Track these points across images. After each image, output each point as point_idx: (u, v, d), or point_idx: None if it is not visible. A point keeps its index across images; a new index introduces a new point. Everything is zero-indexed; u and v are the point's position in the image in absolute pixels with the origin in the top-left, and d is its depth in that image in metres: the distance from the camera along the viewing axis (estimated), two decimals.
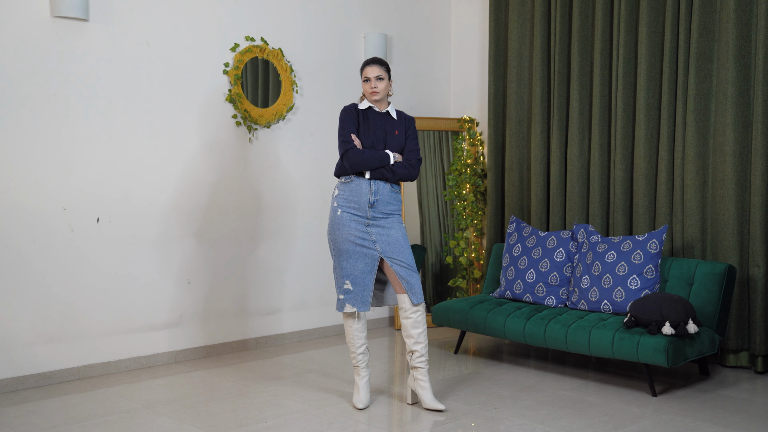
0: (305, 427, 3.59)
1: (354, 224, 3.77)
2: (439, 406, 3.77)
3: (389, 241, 3.77)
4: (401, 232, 3.82)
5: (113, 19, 4.48)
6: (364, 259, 3.76)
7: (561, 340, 4.32)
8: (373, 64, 3.81)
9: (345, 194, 3.81)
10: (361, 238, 3.77)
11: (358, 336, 3.89)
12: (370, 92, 3.80)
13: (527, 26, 5.54)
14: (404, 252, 3.78)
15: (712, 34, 4.59)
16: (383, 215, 3.80)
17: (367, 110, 3.87)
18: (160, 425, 3.62)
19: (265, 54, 5.10)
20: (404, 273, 3.76)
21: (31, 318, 4.25)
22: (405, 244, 3.81)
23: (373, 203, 3.77)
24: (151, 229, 4.67)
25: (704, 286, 4.31)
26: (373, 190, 3.77)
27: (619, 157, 5.00)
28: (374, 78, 3.79)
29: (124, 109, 4.54)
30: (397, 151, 3.85)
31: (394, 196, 3.84)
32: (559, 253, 4.76)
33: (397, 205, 3.86)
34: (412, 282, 3.76)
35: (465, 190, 5.84)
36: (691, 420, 3.68)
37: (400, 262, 3.76)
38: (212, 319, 4.96)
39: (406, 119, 3.93)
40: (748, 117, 4.48)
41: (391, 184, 3.82)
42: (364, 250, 3.76)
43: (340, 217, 3.80)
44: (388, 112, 3.88)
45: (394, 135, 3.84)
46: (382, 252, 3.76)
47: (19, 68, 4.16)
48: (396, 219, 3.84)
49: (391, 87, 3.88)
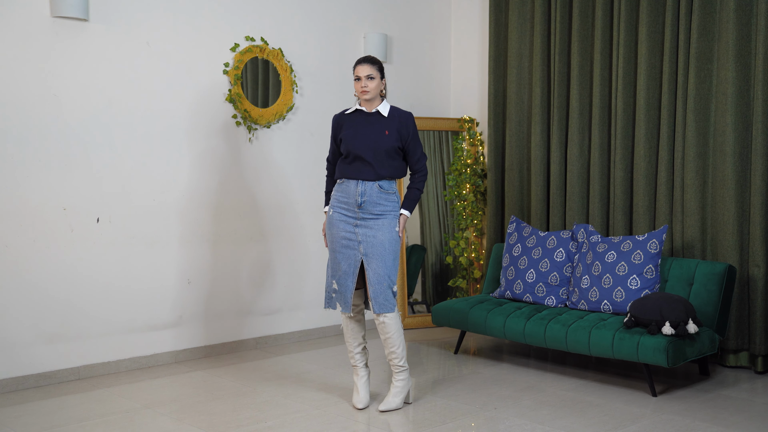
0: (305, 427, 3.59)
1: (343, 224, 3.78)
2: (384, 408, 3.80)
3: (373, 244, 3.73)
4: (388, 236, 3.75)
5: (113, 19, 4.48)
6: (347, 261, 3.76)
7: (561, 340, 4.32)
8: (364, 63, 3.77)
9: (337, 195, 3.83)
10: (348, 239, 3.76)
11: (354, 335, 3.88)
12: (361, 91, 3.76)
13: (527, 26, 5.54)
14: (384, 258, 3.72)
15: (712, 34, 4.59)
16: (373, 216, 3.76)
17: (355, 113, 3.84)
18: (160, 425, 3.62)
19: (265, 54, 5.10)
20: (374, 280, 3.72)
21: (31, 318, 4.25)
22: (389, 249, 3.74)
23: (360, 204, 3.75)
24: (151, 229, 4.67)
25: (704, 286, 4.31)
26: (360, 191, 3.75)
27: (619, 157, 5.00)
28: (365, 77, 3.75)
29: (123, 109, 4.54)
30: (388, 151, 3.76)
31: (384, 197, 3.77)
32: (559, 253, 4.76)
33: (388, 205, 3.79)
34: (378, 291, 3.72)
35: (465, 190, 5.84)
36: (691, 420, 3.68)
37: (375, 269, 3.72)
38: (212, 319, 4.96)
39: (400, 117, 3.83)
40: (748, 117, 4.48)
41: (380, 185, 3.76)
42: (349, 252, 3.76)
43: (332, 216, 3.82)
44: (377, 111, 3.82)
45: (383, 135, 3.76)
46: (364, 254, 3.73)
47: (19, 68, 4.16)
48: (387, 221, 3.77)
49: (384, 86, 3.82)
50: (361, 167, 3.75)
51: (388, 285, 3.73)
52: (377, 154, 3.75)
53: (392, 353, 3.80)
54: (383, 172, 3.76)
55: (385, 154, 3.76)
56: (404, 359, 3.82)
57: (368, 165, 3.74)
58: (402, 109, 3.88)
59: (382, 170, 3.76)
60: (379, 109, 3.81)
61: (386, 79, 3.90)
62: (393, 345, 3.79)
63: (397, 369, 3.84)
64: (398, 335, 3.79)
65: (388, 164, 3.78)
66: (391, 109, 3.84)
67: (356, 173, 3.76)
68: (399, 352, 3.80)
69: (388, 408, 3.81)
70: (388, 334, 3.78)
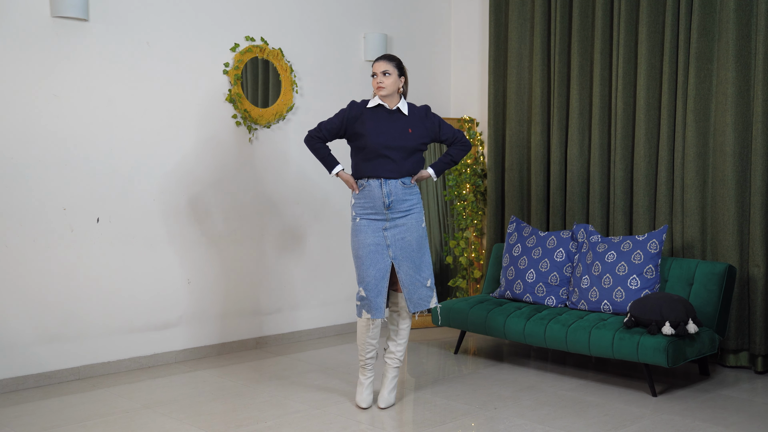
0: (305, 427, 3.59)
1: (371, 231, 3.78)
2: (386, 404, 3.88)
3: (402, 246, 3.78)
4: (416, 235, 3.82)
5: (113, 19, 4.48)
6: (376, 266, 3.76)
7: (561, 340, 4.32)
8: (381, 59, 3.80)
9: (361, 201, 3.83)
10: (376, 244, 3.77)
11: (369, 342, 3.87)
12: (377, 87, 3.78)
13: (527, 26, 5.54)
14: (413, 259, 3.80)
15: (712, 34, 4.59)
16: (402, 213, 3.81)
17: (377, 108, 3.85)
18: (160, 425, 3.62)
19: (265, 54, 5.10)
20: (407, 281, 3.80)
21: (31, 318, 4.25)
22: (418, 249, 3.82)
23: (389, 205, 3.78)
24: (151, 229, 4.67)
25: (704, 286, 4.31)
26: (386, 192, 3.77)
27: (619, 157, 5.00)
28: (380, 73, 3.77)
29: (124, 108, 4.54)
30: (412, 149, 3.79)
31: (407, 191, 3.82)
32: (559, 253, 4.76)
33: (413, 199, 3.85)
34: (412, 291, 3.81)
35: (465, 190, 5.84)
36: (691, 420, 3.68)
37: (407, 271, 3.79)
38: (212, 319, 4.96)
39: (419, 114, 3.87)
40: (748, 117, 4.48)
41: (402, 181, 3.80)
42: (377, 257, 3.76)
43: (359, 224, 3.81)
44: (398, 108, 3.84)
45: (407, 134, 3.80)
46: (393, 257, 3.77)
47: (19, 68, 4.16)
48: (415, 217, 3.84)
49: (401, 83, 3.83)
50: (385, 164, 3.77)
51: (422, 283, 3.83)
52: (402, 152, 3.79)
53: (399, 346, 3.91)
54: (406, 169, 3.81)
55: (409, 152, 3.81)
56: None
57: (392, 162, 3.77)
58: (417, 105, 3.93)
59: (405, 167, 3.81)
60: (399, 106, 3.83)
61: (406, 78, 3.87)
62: (403, 338, 3.91)
63: (396, 364, 3.92)
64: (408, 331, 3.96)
65: (410, 161, 3.83)
66: (409, 107, 3.88)
67: (379, 171, 3.77)
68: (404, 348, 3.93)
69: (389, 404, 3.88)
70: (404, 328, 3.91)
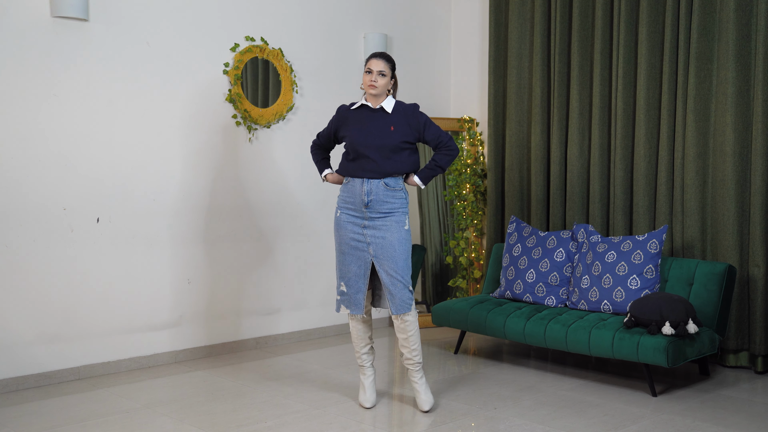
0: (305, 427, 3.59)
1: (350, 225, 3.75)
2: (429, 407, 3.78)
3: (383, 245, 3.70)
4: (398, 236, 3.71)
5: (113, 19, 4.48)
6: (357, 262, 3.74)
7: (561, 340, 4.32)
8: (379, 58, 3.73)
9: (343, 195, 3.80)
10: (356, 240, 3.74)
11: (361, 336, 3.88)
12: (369, 85, 3.71)
13: (527, 26, 5.54)
14: (395, 259, 3.69)
15: (712, 34, 4.59)
16: (380, 215, 3.72)
17: (361, 108, 3.81)
18: (160, 425, 3.62)
19: (265, 54, 5.10)
20: (388, 282, 3.70)
21: (31, 318, 4.25)
22: (399, 249, 3.70)
23: (367, 203, 3.71)
24: (151, 229, 4.67)
25: (704, 286, 4.31)
26: (366, 190, 3.71)
27: (619, 157, 5.00)
28: (376, 72, 3.71)
29: (124, 109, 4.54)
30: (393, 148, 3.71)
31: (390, 194, 3.73)
32: (559, 253, 4.76)
33: (395, 203, 3.74)
34: (394, 292, 3.70)
35: (465, 190, 5.84)
36: (691, 420, 3.68)
37: (388, 270, 3.70)
38: (212, 319, 4.96)
39: (405, 111, 3.78)
40: (748, 117, 4.48)
41: (385, 182, 3.73)
42: (358, 253, 3.73)
43: (339, 218, 3.79)
44: (381, 107, 3.77)
45: (388, 132, 3.72)
46: (374, 256, 3.71)
47: (19, 68, 4.16)
48: (395, 219, 3.73)
49: (392, 85, 3.79)
50: (366, 165, 3.71)
51: (404, 285, 3.71)
52: (382, 151, 3.70)
53: (414, 351, 3.78)
54: (388, 168, 3.72)
55: (390, 151, 3.72)
56: (421, 356, 3.84)
57: (373, 162, 3.70)
58: (406, 103, 3.84)
59: (387, 167, 3.71)
60: (383, 105, 3.76)
61: (395, 79, 3.84)
62: (414, 343, 3.78)
63: (416, 367, 3.81)
64: (418, 334, 3.79)
65: (393, 159, 3.72)
66: (395, 104, 3.80)
67: (361, 171, 3.72)
68: (419, 350, 3.80)
69: (432, 405, 3.81)
70: (409, 333, 3.77)
